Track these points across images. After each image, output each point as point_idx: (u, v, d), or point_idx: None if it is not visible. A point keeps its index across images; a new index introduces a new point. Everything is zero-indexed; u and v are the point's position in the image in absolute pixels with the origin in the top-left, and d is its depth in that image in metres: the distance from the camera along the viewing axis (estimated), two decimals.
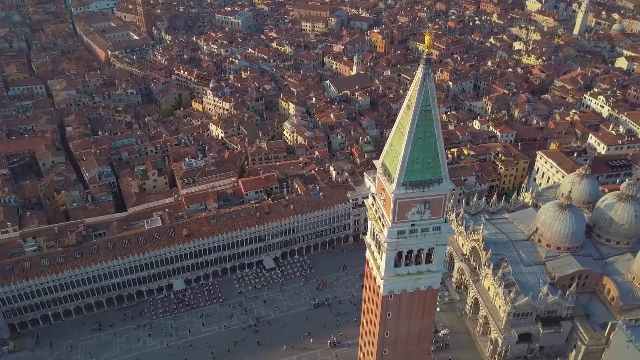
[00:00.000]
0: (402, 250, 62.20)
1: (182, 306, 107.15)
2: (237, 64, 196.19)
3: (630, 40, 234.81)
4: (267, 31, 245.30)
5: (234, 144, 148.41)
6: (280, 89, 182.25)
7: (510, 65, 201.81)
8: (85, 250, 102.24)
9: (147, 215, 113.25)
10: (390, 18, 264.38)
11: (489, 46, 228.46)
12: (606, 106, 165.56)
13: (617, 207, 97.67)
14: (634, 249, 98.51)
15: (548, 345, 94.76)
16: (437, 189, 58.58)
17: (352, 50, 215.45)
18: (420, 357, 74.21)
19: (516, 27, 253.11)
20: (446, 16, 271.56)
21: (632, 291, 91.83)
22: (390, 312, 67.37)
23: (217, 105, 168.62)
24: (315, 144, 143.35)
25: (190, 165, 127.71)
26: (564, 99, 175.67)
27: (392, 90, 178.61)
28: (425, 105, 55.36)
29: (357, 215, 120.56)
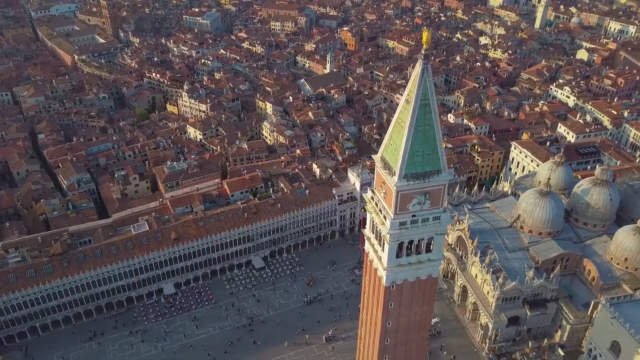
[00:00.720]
0: (404, 240, 63.97)
1: (173, 310, 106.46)
2: (210, 65, 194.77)
3: (589, 32, 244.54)
4: (236, 31, 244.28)
5: (213, 146, 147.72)
6: (255, 89, 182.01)
7: (478, 59, 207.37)
8: (72, 258, 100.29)
9: (133, 221, 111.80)
10: (358, 16, 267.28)
11: (457, 41, 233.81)
12: (572, 96, 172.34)
13: (593, 191, 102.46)
14: (609, 231, 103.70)
15: (535, 327, 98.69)
16: (437, 179, 60.56)
17: (323, 48, 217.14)
18: (420, 344, 76.32)
19: (480, 22, 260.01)
20: (412, 13, 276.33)
21: (611, 271, 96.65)
22: (392, 302, 69.03)
23: (193, 107, 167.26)
24: (296, 143, 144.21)
25: (173, 168, 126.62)
26: (531, 91, 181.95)
27: (366, 87, 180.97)
28: (424, 99, 57.16)
29: (343, 211, 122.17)
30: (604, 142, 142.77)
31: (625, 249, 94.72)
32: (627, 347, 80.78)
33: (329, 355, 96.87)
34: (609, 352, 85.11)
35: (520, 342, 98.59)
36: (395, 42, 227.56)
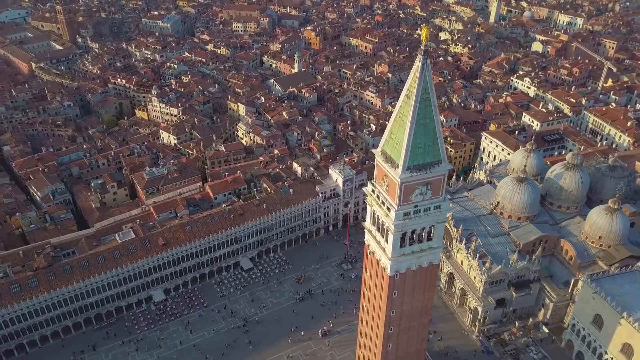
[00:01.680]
0: (407, 230, 66.37)
1: (165, 317, 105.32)
2: (176, 69, 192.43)
3: (540, 25, 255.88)
4: (198, 34, 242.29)
5: (189, 150, 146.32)
6: (225, 91, 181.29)
7: (440, 54, 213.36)
8: (58, 271, 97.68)
9: (116, 229, 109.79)
10: (319, 15, 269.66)
11: (417, 37, 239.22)
12: (532, 87, 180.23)
13: (565, 175, 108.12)
14: (581, 212, 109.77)
15: (520, 308, 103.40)
16: (438, 170, 63.30)
17: (289, 48, 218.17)
18: (422, 330, 79.06)
19: (438, 18, 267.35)
20: (372, 11, 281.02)
21: (587, 249, 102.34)
22: (396, 291, 71.33)
23: (164, 111, 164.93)
24: (273, 143, 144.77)
25: (153, 174, 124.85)
26: (494, 83, 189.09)
27: (336, 85, 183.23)
28: (424, 94, 59.64)
29: (327, 207, 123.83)
30: (566, 129, 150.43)
31: (599, 227, 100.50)
32: (610, 318, 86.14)
33: (326, 349, 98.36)
34: (592, 325, 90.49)
35: (507, 322, 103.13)
36: (358, 40, 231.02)
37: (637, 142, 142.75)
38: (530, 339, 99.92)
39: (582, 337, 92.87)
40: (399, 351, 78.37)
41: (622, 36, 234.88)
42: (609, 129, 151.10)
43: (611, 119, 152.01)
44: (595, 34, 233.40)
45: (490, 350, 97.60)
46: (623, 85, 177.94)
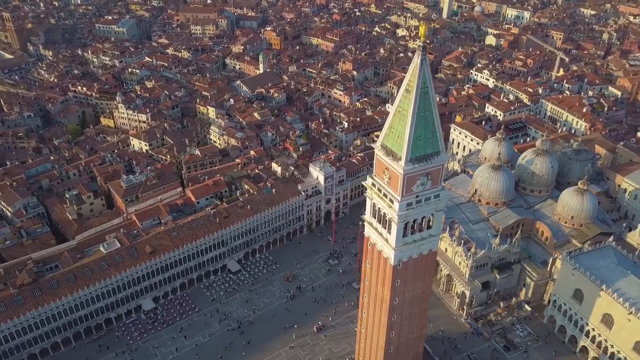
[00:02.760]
0: (409, 220, 69.00)
1: (157, 325, 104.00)
2: (139, 74, 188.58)
3: (491, 20, 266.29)
4: (156, 38, 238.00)
5: (162, 155, 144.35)
6: (191, 95, 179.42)
7: (400, 50, 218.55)
8: (44, 286, 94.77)
9: (99, 240, 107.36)
10: (276, 15, 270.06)
11: (376, 35, 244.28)
12: (491, 79, 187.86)
13: (536, 161, 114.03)
14: (552, 195, 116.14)
15: (502, 289, 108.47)
16: (437, 160, 66.22)
17: (251, 49, 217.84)
18: (422, 315, 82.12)
19: (394, 15, 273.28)
20: (328, 10, 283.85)
21: (561, 229, 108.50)
22: (398, 280, 73.92)
23: (132, 118, 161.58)
24: (248, 144, 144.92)
25: (130, 182, 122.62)
26: (455, 76, 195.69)
27: (303, 84, 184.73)
28: (424, 88, 62.36)
29: (309, 205, 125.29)
30: (528, 118, 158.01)
31: (571, 208, 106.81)
32: (589, 292, 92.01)
33: (323, 344, 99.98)
34: (573, 300, 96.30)
35: (491, 304, 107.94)
36: (319, 39, 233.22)
37: (592, 127, 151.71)
38: (515, 318, 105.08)
39: (564, 312, 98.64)
40: (401, 338, 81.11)
41: (567, 27, 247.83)
42: (566, 116, 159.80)
43: (568, 106, 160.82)
44: (542, 26, 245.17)
45: (479, 332, 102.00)
46: (574, 74, 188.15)
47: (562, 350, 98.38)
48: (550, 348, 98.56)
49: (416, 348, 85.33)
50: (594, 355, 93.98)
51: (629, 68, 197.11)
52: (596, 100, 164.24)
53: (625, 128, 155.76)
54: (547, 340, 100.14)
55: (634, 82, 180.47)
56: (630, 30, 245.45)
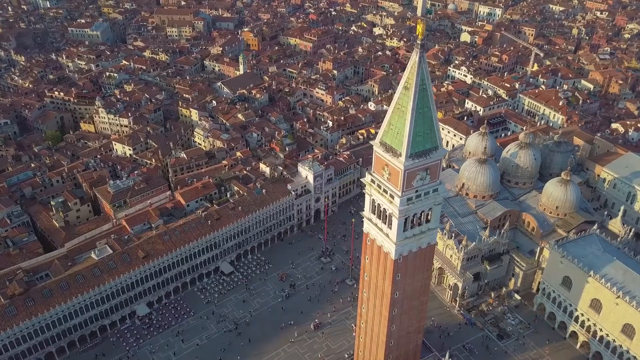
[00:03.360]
0: (410, 215, 70.48)
1: (152, 330, 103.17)
2: (117, 78, 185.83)
3: (464, 17, 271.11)
4: (131, 40, 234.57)
5: (146, 160, 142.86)
6: (172, 97, 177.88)
7: (378, 49, 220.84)
8: (37, 296, 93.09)
9: (90, 247, 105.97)
10: (252, 16, 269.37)
11: (353, 34, 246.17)
12: (469, 75, 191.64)
13: (520, 154, 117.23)
14: (536, 187, 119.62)
15: (492, 279, 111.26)
16: (435, 155, 67.84)
17: (230, 50, 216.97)
18: (421, 308, 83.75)
19: (369, 14, 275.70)
20: (304, 10, 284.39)
21: (546, 219, 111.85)
22: (399, 274, 75.35)
23: (113, 122, 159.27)
24: (234, 146, 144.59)
25: (118, 187, 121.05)
26: (433, 73, 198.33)
27: (284, 85, 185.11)
28: (422, 85, 63.72)
29: (299, 205, 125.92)
30: (507, 112, 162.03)
31: (555, 198, 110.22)
32: (577, 279, 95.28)
33: (321, 341, 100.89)
34: (561, 287, 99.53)
35: (482, 295, 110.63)
36: (297, 39, 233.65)
37: (569, 120, 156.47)
38: (506, 307, 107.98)
39: (553, 299, 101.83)
40: (402, 331, 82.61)
41: (538, 24, 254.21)
42: (543, 109, 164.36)
43: (544, 100, 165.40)
44: (515, 23, 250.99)
45: (472, 322, 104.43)
46: (548, 69, 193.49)
47: (552, 336, 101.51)
48: (541, 335, 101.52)
49: (415, 340, 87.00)
50: (584, 339, 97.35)
51: (599, 62, 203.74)
52: (571, 93, 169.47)
53: (599, 120, 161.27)
54: (534, 325, 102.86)
55: (605, 76, 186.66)
56: (597, 25, 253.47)
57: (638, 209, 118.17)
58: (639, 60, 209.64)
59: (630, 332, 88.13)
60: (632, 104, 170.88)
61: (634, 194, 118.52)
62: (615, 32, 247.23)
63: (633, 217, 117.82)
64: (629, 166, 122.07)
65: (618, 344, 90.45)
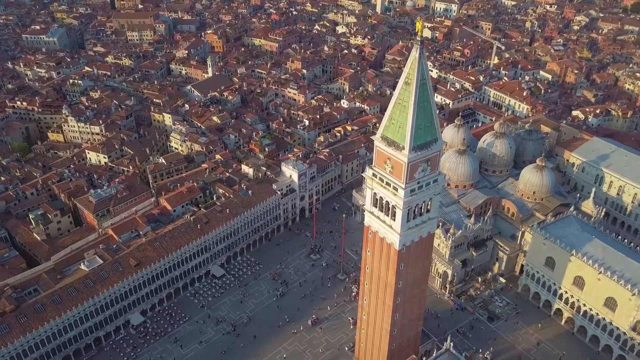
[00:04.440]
0: (412, 206, 73.03)
1: (149, 338, 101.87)
2: (82, 85, 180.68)
3: (423, 13, 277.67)
4: (90, 46, 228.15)
5: (123, 167, 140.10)
6: (142, 103, 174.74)
7: (344, 47, 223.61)
8: (29, 311, 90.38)
9: (78, 258, 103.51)
10: (213, 18, 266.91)
11: (317, 33, 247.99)
12: (434, 69, 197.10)
13: (496, 143, 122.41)
14: (512, 174, 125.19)
15: (477, 265, 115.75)
16: (435, 147, 70.77)
17: (196, 53, 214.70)
18: (421, 296, 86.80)
19: (331, 13, 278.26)
20: (265, 10, 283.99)
21: (525, 205, 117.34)
22: (402, 264, 77.88)
23: (84, 130, 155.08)
24: (213, 148, 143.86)
25: (100, 196, 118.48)
26: (400, 69, 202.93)
27: (255, 85, 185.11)
28: (422, 80, 66.41)
29: (285, 204, 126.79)
30: (475, 104, 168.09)
31: (532, 184, 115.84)
32: (560, 258, 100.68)
33: (320, 336, 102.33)
34: (545, 267, 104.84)
35: (469, 280, 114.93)
36: (262, 39, 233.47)
37: (533, 109, 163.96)
38: (492, 290, 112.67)
39: (537, 280, 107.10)
40: (404, 319, 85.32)
41: (493, 18, 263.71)
42: (508, 100, 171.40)
43: (509, 91, 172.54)
44: (472, 18, 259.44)
45: (463, 307, 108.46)
46: (508, 61, 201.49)
47: (538, 315, 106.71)
48: (527, 314, 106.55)
49: (416, 327, 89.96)
50: (568, 315, 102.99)
51: (554, 53, 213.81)
52: (533, 84, 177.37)
53: (561, 108, 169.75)
54: (520, 306, 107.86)
55: (561, 66, 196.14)
56: (548, 18, 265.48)
57: (606, 190, 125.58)
58: (589, 50, 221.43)
59: (612, 305, 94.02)
60: (588, 92, 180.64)
61: (602, 176, 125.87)
62: (565, 24, 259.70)
63: (602, 198, 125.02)
64: (595, 150, 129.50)
65: (601, 317, 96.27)
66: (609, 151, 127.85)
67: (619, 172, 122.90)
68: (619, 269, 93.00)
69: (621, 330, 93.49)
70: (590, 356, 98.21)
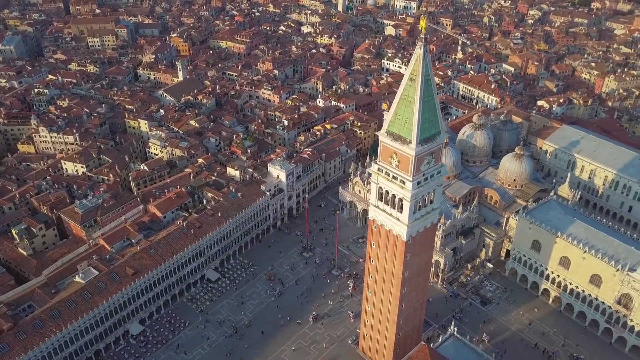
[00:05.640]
0: (419, 197, 75.68)
1: (150, 346, 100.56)
2: (48, 94, 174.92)
3: (384, 11, 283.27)
4: (50, 53, 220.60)
5: (103, 176, 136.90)
6: (113, 109, 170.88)
7: (311, 47, 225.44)
8: (28, 328, 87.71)
9: (70, 271, 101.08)
10: (175, 21, 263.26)
11: (282, 33, 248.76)
12: (402, 66, 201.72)
13: (476, 134, 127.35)
14: (491, 164, 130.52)
15: (466, 252, 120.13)
16: (439, 139, 73.63)
17: (162, 58, 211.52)
18: (424, 284, 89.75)
19: (294, 13, 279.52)
20: (226, 12, 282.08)
21: (506, 192, 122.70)
22: (409, 254, 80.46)
23: (57, 141, 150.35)
24: (194, 153, 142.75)
25: (86, 207, 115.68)
26: (369, 67, 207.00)
27: (229, 88, 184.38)
28: (426, 75, 69.01)
29: (274, 204, 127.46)
30: (447, 98, 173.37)
31: (513, 172, 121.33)
32: (546, 241, 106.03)
33: (322, 332, 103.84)
34: (531, 251, 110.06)
35: (459, 268, 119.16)
36: (228, 41, 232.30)
37: (502, 101, 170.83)
38: (482, 276, 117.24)
39: (524, 262, 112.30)
40: (409, 308, 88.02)
41: (452, 14, 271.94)
42: (477, 93, 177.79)
43: (478, 84, 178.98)
44: (433, 15, 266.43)
45: (456, 294, 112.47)
46: (472, 56, 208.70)
47: (526, 296, 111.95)
48: (516, 296, 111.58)
49: (419, 315, 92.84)
50: (555, 294, 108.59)
51: (513, 46, 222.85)
52: (499, 77, 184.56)
53: (526, 99, 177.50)
54: (509, 289, 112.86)
55: (522, 59, 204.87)
56: (504, 12, 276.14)
57: (578, 174, 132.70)
58: (545, 42, 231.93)
59: (597, 281, 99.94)
60: (550, 82, 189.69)
61: (574, 161, 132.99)
62: (520, 18, 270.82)
63: (574, 182, 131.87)
64: (565, 137, 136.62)
65: (587, 293, 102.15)
66: (579, 137, 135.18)
67: (589, 157, 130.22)
68: (602, 247, 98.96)
69: (606, 304, 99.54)
70: (578, 331, 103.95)
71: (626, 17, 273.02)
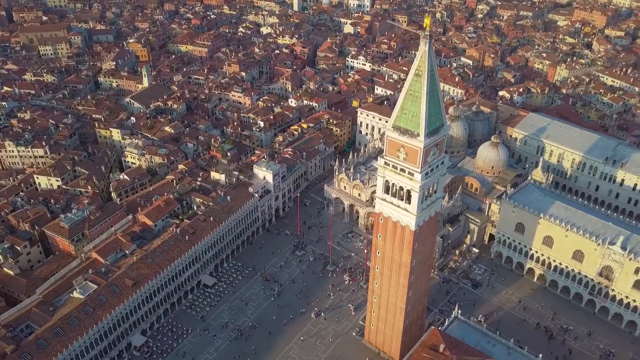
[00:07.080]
0: (426, 188, 79.06)
1: (155, 357, 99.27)
2: (6, 107, 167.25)
3: (339, 10, 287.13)
4: (0, 64, 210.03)
5: (80, 188, 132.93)
6: (79, 120, 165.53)
7: (273, 47, 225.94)
8: (32, 349, 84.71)
9: (65, 287, 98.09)
10: (129, 26, 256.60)
11: (242, 35, 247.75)
12: (367, 63, 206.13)
13: (453, 126, 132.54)
14: (468, 153, 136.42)
15: (453, 239, 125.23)
16: (443, 131, 77.36)
17: (123, 64, 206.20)
18: (427, 272, 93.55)
19: (250, 14, 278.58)
20: (180, 15, 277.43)
21: (485, 179, 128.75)
22: (416, 243, 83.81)
23: (25, 155, 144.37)
24: (174, 159, 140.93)
25: (72, 220, 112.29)
26: (335, 65, 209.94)
27: (198, 92, 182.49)
28: (431, 71, 72.41)
29: (262, 205, 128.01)
30: None
31: (491, 159, 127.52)
32: (529, 222, 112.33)
33: (325, 327, 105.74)
34: (515, 233, 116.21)
35: (447, 254, 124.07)
36: (188, 45, 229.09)
37: (467, 93, 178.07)
38: (469, 260, 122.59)
39: (509, 245, 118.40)
40: (415, 295, 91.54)
41: (406, 11, 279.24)
42: (443, 86, 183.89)
43: (442, 78, 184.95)
44: (388, 12, 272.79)
45: (448, 279, 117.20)
46: None
47: (512, 277, 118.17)
48: (503, 277, 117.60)
49: (423, 302, 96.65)
50: (540, 272, 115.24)
51: (468, 40, 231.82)
52: (462, 70, 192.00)
53: (488, 89, 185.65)
54: (496, 271, 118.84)
55: (479, 52, 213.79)
56: (454, 8, 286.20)
57: (547, 158, 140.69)
58: (497, 35, 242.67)
59: (580, 257, 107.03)
60: (508, 73, 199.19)
61: (543, 147, 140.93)
62: (470, 13, 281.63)
63: (545, 167, 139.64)
64: (533, 124, 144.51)
65: (570, 268, 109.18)
66: (545, 124, 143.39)
67: (557, 141, 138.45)
68: (582, 225, 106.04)
69: (589, 277, 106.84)
70: (563, 304, 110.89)
71: (565, 9, 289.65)
